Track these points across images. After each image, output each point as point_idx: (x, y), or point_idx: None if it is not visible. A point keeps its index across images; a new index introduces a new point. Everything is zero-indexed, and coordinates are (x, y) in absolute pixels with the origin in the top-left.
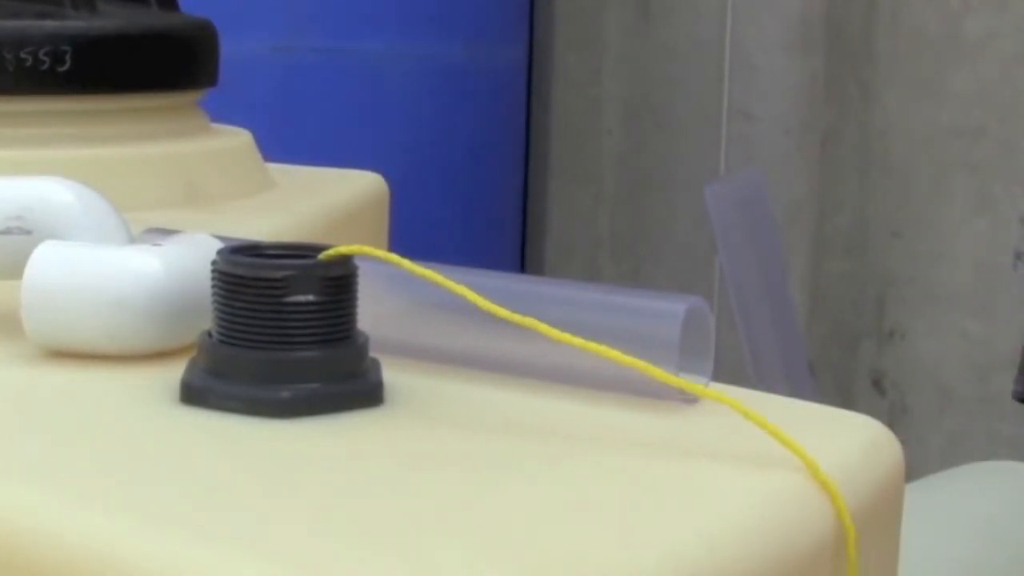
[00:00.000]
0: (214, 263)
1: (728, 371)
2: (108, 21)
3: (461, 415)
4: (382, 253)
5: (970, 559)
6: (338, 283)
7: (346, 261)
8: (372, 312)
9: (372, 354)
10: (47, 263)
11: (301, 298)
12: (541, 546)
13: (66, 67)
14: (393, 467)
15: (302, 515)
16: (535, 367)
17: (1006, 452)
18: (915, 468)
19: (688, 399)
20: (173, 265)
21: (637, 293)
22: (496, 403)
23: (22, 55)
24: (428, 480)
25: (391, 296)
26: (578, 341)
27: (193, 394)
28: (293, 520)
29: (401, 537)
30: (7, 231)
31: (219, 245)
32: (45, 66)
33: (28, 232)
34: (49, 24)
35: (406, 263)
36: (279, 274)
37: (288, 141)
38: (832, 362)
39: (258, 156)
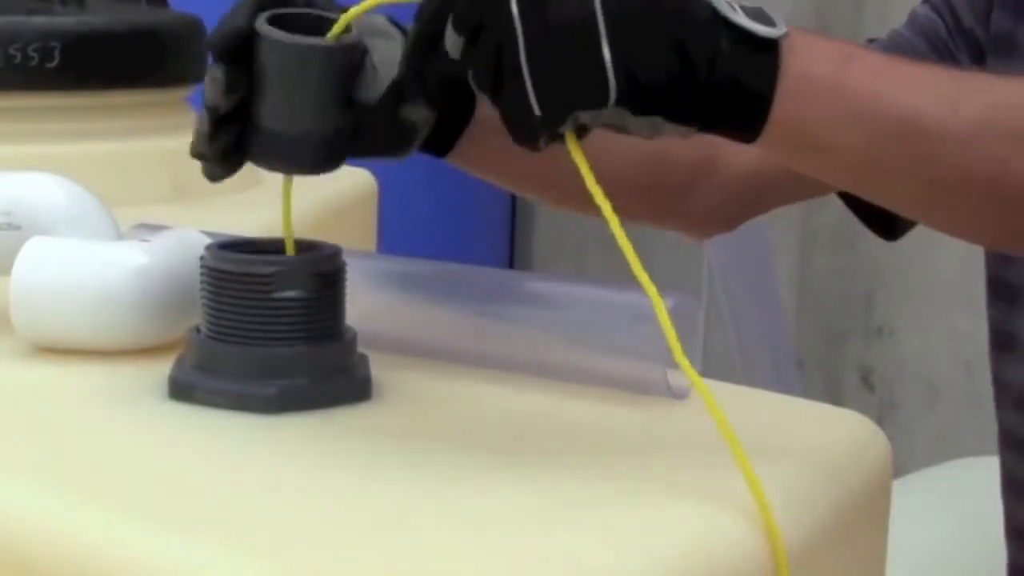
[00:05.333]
0: (202, 259)
1: (716, 366)
2: (97, 17)
3: (449, 411)
4: None
5: (958, 554)
6: (326, 279)
7: (334, 257)
8: (360, 308)
9: (360, 350)
10: (35, 259)
11: (289, 294)
12: (527, 543)
13: (55, 63)
14: (381, 463)
15: (288, 511)
16: (524, 363)
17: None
18: (903, 464)
19: (677, 395)
20: (161, 261)
21: (625, 288)
22: (484, 399)
23: (11, 51)
24: (416, 477)
25: (379, 292)
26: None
27: (181, 390)
28: (280, 516)
29: (388, 534)
30: None
31: (207, 241)
32: (34, 62)
33: (17, 228)
34: (38, 20)
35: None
36: (267, 270)
37: None
38: (820, 358)
39: None
